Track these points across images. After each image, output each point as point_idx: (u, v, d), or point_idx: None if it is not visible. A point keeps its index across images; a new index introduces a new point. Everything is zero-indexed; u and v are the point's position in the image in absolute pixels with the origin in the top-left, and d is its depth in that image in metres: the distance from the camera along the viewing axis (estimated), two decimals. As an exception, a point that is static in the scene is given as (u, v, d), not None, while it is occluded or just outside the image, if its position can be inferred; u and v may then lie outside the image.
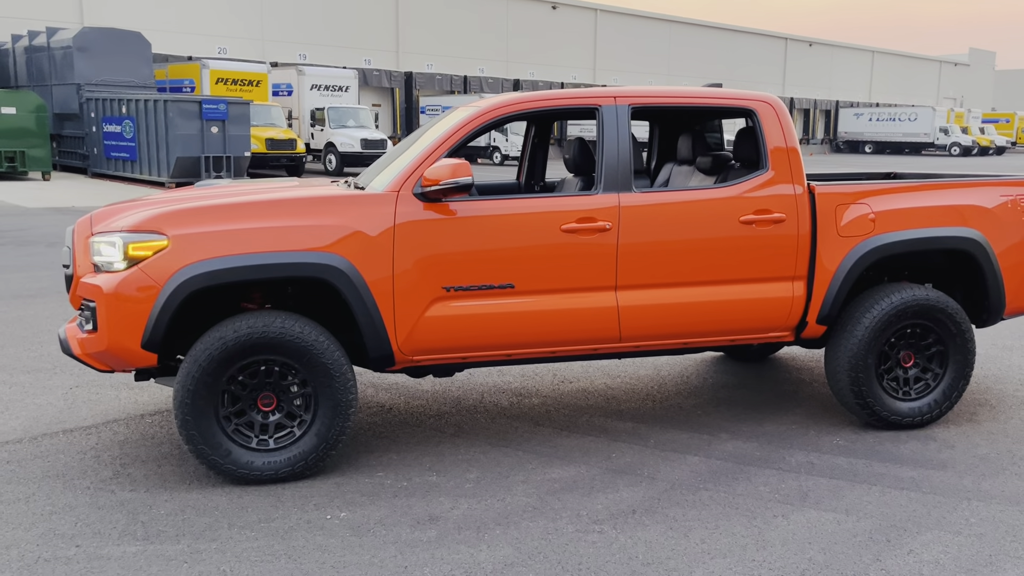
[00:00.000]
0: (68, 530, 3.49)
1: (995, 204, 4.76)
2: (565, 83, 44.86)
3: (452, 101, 37.21)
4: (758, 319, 4.49)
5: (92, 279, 3.86)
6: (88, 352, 3.87)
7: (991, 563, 3.30)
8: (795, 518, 3.66)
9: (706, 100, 4.61)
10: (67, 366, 5.80)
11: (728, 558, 3.32)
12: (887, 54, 66.92)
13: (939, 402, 4.71)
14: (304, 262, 3.86)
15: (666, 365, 6.11)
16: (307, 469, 3.97)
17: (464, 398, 5.32)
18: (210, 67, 26.58)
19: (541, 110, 4.43)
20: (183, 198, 4.26)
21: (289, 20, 35.75)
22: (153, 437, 4.57)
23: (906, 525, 3.60)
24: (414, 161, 4.14)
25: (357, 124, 28.03)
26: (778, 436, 4.66)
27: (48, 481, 3.98)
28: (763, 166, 4.50)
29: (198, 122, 19.83)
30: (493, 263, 4.10)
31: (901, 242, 4.54)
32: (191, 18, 32.80)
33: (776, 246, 4.42)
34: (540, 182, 5.99)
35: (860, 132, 55.38)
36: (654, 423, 4.86)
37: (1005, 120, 63.38)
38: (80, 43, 22.22)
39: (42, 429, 4.66)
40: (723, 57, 53.20)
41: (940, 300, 4.59)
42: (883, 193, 4.62)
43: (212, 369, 3.79)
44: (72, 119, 23.14)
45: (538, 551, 3.35)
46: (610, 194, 4.26)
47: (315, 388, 3.95)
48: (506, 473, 4.12)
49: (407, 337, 4.06)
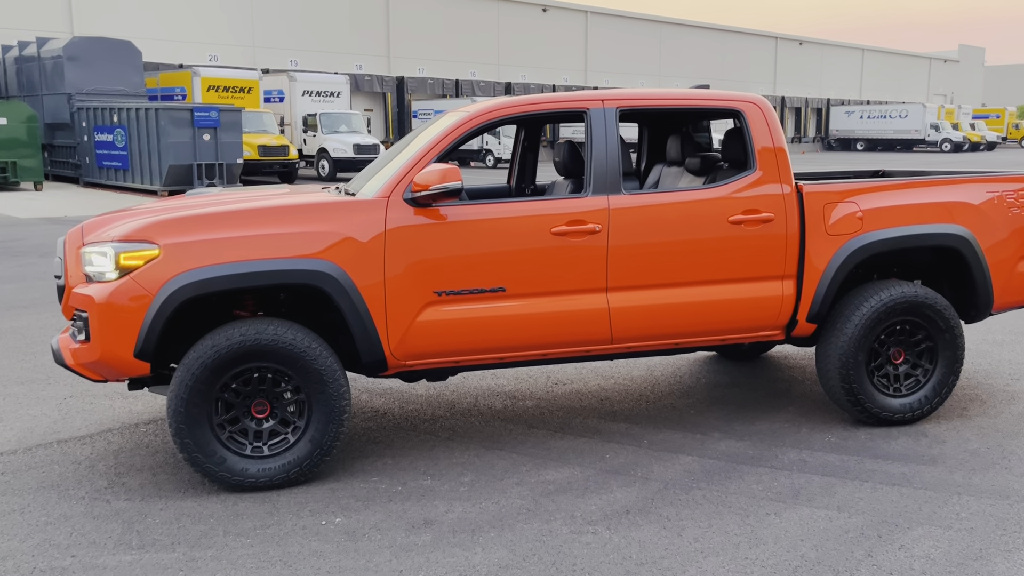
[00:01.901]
0: (64, 540, 3.50)
1: (982, 200, 4.80)
2: (557, 85, 44.93)
3: (444, 105, 37.22)
4: (749, 318, 4.51)
5: (84, 289, 3.87)
6: (81, 362, 3.88)
7: (981, 557, 3.32)
8: (788, 515, 3.69)
9: (693, 102, 4.64)
10: (60, 376, 5.80)
11: (721, 556, 3.34)
12: (877, 52, 67.14)
13: (929, 398, 4.75)
14: (295, 269, 3.87)
15: (659, 365, 6.14)
16: (302, 475, 3.99)
17: (458, 402, 5.34)
18: (201, 74, 26.58)
19: (530, 114, 4.45)
20: (174, 207, 4.28)
21: (280, 26, 35.74)
22: (148, 446, 4.58)
23: (897, 520, 3.63)
24: (404, 167, 4.17)
25: (349, 129, 28.04)
26: (770, 434, 4.68)
27: (43, 492, 3.98)
28: (751, 166, 4.53)
29: (190, 130, 19.83)
30: (484, 267, 4.12)
31: (889, 240, 4.57)
32: (182, 26, 32.78)
33: (765, 245, 4.45)
34: (531, 185, 6.01)
35: (851, 130, 55.56)
36: (647, 423, 4.89)
37: (995, 116, 63.68)
38: (71, 53, 22.20)
39: (36, 440, 4.67)
40: (713, 57, 53.33)
41: (929, 297, 4.63)
42: (870, 191, 4.65)
43: (205, 377, 3.80)
44: (63, 129, 23.10)
45: (532, 553, 3.37)
46: (599, 196, 4.29)
47: (308, 394, 3.96)
48: (500, 476, 4.14)
49: (399, 342, 4.08)
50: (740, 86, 51.80)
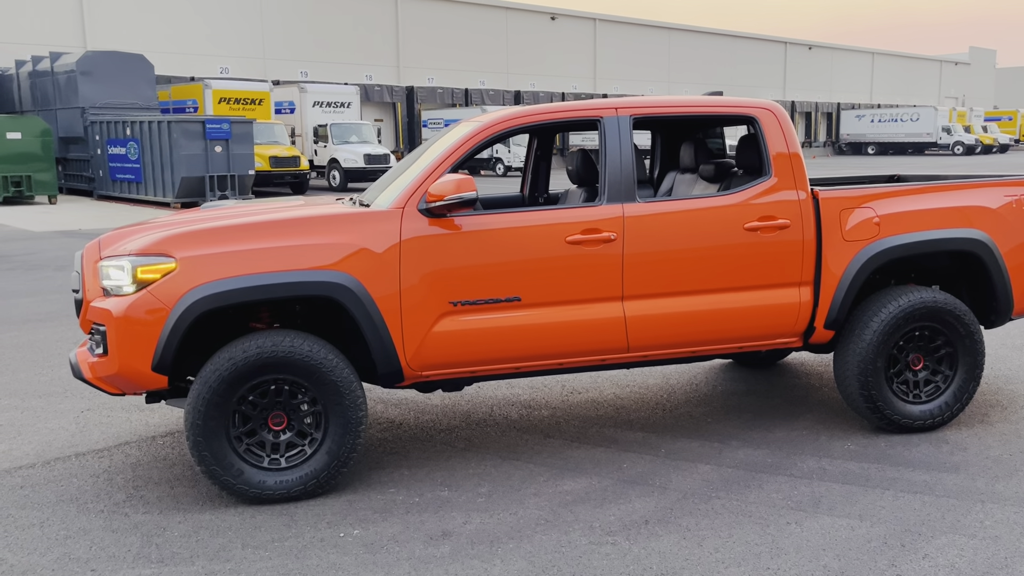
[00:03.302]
0: (83, 554, 3.50)
1: (1000, 204, 4.76)
2: (566, 93, 45.01)
3: (454, 114, 37.34)
4: (766, 326, 4.49)
5: (102, 303, 3.89)
6: (99, 376, 3.90)
7: (1007, 565, 3.28)
8: (808, 525, 3.65)
9: (707, 109, 4.63)
10: (78, 390, 5.83)
11: (742, 567, 3.31)
12: (887, 55, 66.96)
13: (950, 404, 4.70)
14: (311, 280, 3.88)
15: (675, 373, 6.11)
16: (319, 487, 3.98)
17: (473, 412, 5.33)
18: (212, 87, 26.77)
19: (543, 123, 4.45)
20: (189, 220, 4.29)
21: (290, 38, 35.98)
22: (165, 459, 4.59)
23: (920, 529, 3.59)
24: (418, 177, 4.17)
25: (360, 140, 28.14)
26: (789, 442, 4.65)
27: (62, 505, 3.99)
28: (766, 172, 4.51)
29: (202, 142, 19.96)
30: (499, 277, 4.11)
31: (906, 245, 4.54)
32: (193, 39, 33.05)
33: (781, 252, 4.42)
34: (544, 194, 6.01)
35: (862, 134, 55.37)
36: (664, 432, 4.86)
37: (1008, 118, 63.29)
38: (84, 67, 22.42)
39: (55, 453, 4.68)
40: (723, 62, 53.31)
41: (948, 302, 4.59)
42: (887, 196, 4.62)
43: (222, 390, 3.80)
44: (77, 142, 23.31)
45: (552, 564, 3.35)
46: (614, 205, 4.27)
47: (325, 406, 3.96)
48: (517, 486, 4.12)
49: (415, 353, 4.07)
50: (750, 91, 51.76)
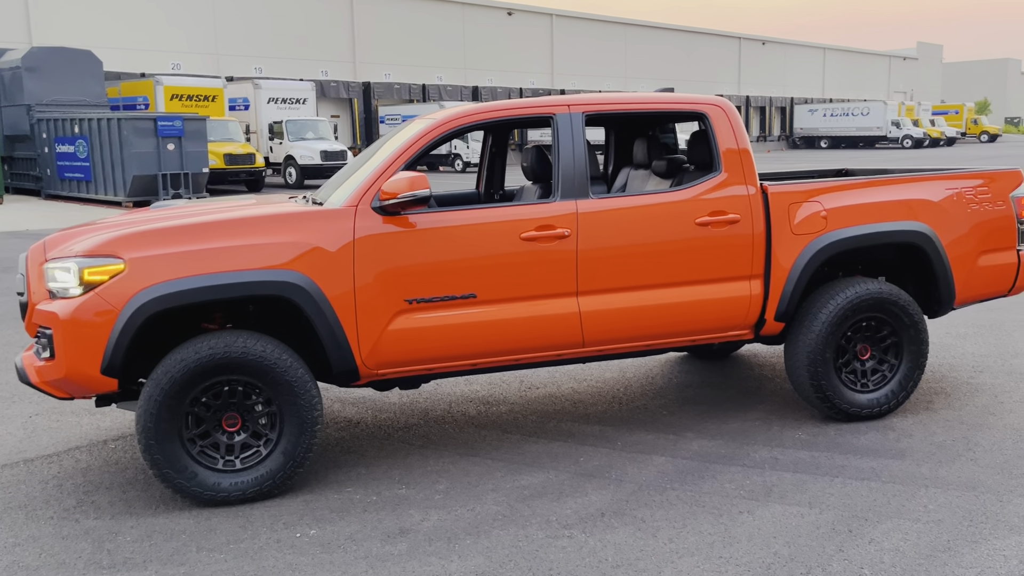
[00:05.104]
0: (33, 561, 3.44)
1: (942, 197, 4.89)
2: (524, 88, 45.03)
3: (411, 110, 37.15)
4: (717, 319, 4.56)
5: (48, 306, 3.81)
6: (46, 380, 3.82)
7: (949, 548, 3.39)
8: (760, 513, 3.73)
9: (658, 105, 4.69)
10: (25, 394, 5.70)
11: (696, 556, 3.37)
12: (838, 50, 68.16)
13: (896, 392, 4.82)
14: (263, 280, 3.84)
15: (631, 367, 6.17)
16: (275, 488, 3.95)
17: (431, 409, 5.33)
18: (164, 83, 26.29)
19: (497, 120, 4.46)
20: (138, 220, 4.22)
21: (243, 34, 35.43)
22: (117, 463, 4.51)
23: (867, 515, 3.69)
24: (371, 175, 4.15)
25: (316, 136, 27.87)
26: (742, 433, 4.73)
27: (10, 512, 3.91)
28: (716, 168, 4.58)
29: (154, 139, 19.58)
30: (454, 274, 4.12)
31: (853, 238, 4.65)
32: (143, 34, 32.36)
33: (732, 246, 4.50)
34: (499, 190, 6.02)
35: (815, 128, 56.33)
36: (621, 425, 4.92)
37: (954, 112, 64.86)
38: (29, 63, 21.82)
39: (2, 460, 4.58)
40: (679, 58, 53.77)
41: (893, 293, 4.71)
42: (834, 190, 4.72)
43: (174, 392, 3.76)
44: (23, 141, 22.70)
45: (509, 559, 3.38)
46: (567, 201, 4.31)
47: (280, 406, 3.93)
48: (475, 482, 4.13)
49: (371, 351, 4.06)
50: (705, 86, 52.33)
